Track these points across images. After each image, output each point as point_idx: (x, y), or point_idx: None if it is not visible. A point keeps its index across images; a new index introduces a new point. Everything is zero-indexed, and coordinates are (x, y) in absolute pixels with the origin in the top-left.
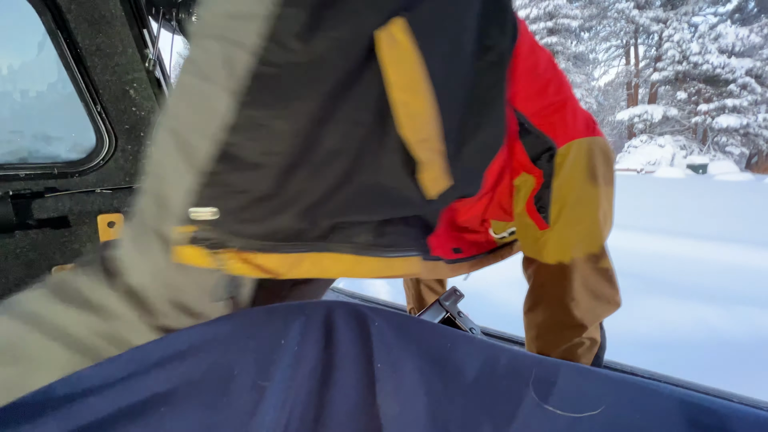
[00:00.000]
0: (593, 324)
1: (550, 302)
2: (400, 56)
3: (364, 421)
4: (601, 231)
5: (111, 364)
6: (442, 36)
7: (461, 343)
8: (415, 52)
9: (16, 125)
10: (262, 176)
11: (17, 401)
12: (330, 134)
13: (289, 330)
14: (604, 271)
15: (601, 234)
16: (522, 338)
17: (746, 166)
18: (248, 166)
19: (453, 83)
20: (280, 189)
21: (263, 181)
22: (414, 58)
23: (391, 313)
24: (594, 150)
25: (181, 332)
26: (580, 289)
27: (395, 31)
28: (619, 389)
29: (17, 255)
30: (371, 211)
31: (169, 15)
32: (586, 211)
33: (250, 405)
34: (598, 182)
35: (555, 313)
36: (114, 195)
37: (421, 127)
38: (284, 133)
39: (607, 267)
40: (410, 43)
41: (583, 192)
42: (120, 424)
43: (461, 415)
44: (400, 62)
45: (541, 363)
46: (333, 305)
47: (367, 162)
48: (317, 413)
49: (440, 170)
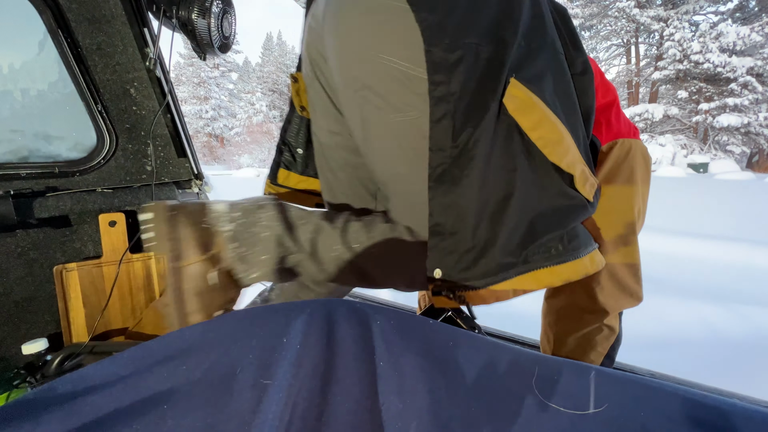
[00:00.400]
0: (614, 312)
1: (574, 287)
2: (524, 107)
3: (366, 419)
4: (634, 226)
5: (113, 363)
6: (547, 74)
7: (463, 342)
8: (533, 98)
9: (17, 124)
10: (459, 239)
11: (20, 399)
12: (495, 188)
13: (290, 328)
14: (631, 265)
15: (634, 229)
16: (523, 338)
17: (747, 165)
18: (449, 235)
19: (566, 104)
20: (475, 242)
21: (461, 242)
22: (535, 102)
23: (392, 312)
24: (635, 151)
25: (183, 331)
26: (606, 276)
27: (514, 92)
28: (622, 387)
29: (18, 254)
30: (554, 229)
31: (169, 13)
32: (621, 205)
33: (251, 403)
34: (636, 181)
35: (578, 297)
36: (115, 194)
37: (564, 150)
38: (464, 205)
39: (635, 262)
40: (527, 93)
41: (621, 187)
42: (122, 422)
43: (463, 413)
44: (526, 110)
45: (543, 361)
46: (335, 304)
47: (532, 194)
48: (319, 411)
49: (588, 176)
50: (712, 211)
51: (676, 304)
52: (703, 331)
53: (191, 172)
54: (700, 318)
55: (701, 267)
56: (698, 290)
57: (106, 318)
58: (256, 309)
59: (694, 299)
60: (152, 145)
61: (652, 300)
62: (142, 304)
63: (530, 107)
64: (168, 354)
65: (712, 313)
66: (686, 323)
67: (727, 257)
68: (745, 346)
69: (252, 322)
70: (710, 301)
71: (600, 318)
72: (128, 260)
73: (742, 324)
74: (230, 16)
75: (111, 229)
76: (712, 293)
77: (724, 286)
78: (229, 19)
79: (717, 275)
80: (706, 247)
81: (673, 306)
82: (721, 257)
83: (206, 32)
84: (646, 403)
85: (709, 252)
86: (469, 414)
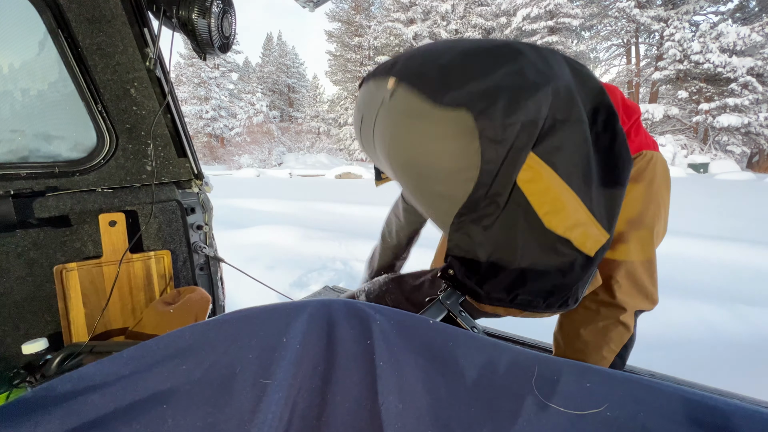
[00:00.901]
0: (630, 310)
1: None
2: (533, 177)
3: (365, 418)
4: (636, 223)
5: (113, 362)
6: (566, 144)
7: (463, 342)
8: (544, 169)
9: (17, 124)
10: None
11: (20, 399)
12: (498, 239)
13: (291, 328)
14: (648, 266)
15: (653, 233)
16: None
17: (747, 166)
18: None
19: (583, 169)
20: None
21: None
22: (543, 174)
23: (392, 312)
24: (656, 160)
25: (183, 331)
26: (624, 275)
27: (529, 163)
28: (622, 387)
29: (18, 254)
30: (541, 283)
31: (169, 13)
32: (642, 209)
33: (251, 403)
34: (654, 186)
35: (597, 290)
36: (115, 194)
37: (564, 217)
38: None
39: (652, 266)
40: (540, 164)
41: (644, 193)
42: (122, 422)
43: (463, 412)
44: (533, 180)
45: (543, 361)
46: (335, 303)
47: (528, 249)
48: (319, 411)
49: (592, 234)
50: (712, 211)
51: (676, 304)
52: (703, 331)
53: (191, 171)
54: (699, 318)
55: (701, 267)
56: (698, 290)
57: (106, 318)
58: (256, 309)
59: (694, 299)
60: (152, 145)
61: None
62: (142, 304)
63: (538, 178)
64: (168, 354)
65: (712, 313)
66: (686, 323)
67: (727, 257)
68: (745, 347)
69: (252, 322)
70: (710, 301)
71: (616, 313)
72: (128, 260)
73: (742, 324)
74: (230, 15)
75: (111, 229)
76: (712, 293)
77: (724, 286)
78: (229, 18)
79: (717, 275)
80: (706, 247)
81: (673, 306)
82: (722, 257)
83: (206, 32)
84: (646, 403)
85: (709, 252)
86: (469, 414)
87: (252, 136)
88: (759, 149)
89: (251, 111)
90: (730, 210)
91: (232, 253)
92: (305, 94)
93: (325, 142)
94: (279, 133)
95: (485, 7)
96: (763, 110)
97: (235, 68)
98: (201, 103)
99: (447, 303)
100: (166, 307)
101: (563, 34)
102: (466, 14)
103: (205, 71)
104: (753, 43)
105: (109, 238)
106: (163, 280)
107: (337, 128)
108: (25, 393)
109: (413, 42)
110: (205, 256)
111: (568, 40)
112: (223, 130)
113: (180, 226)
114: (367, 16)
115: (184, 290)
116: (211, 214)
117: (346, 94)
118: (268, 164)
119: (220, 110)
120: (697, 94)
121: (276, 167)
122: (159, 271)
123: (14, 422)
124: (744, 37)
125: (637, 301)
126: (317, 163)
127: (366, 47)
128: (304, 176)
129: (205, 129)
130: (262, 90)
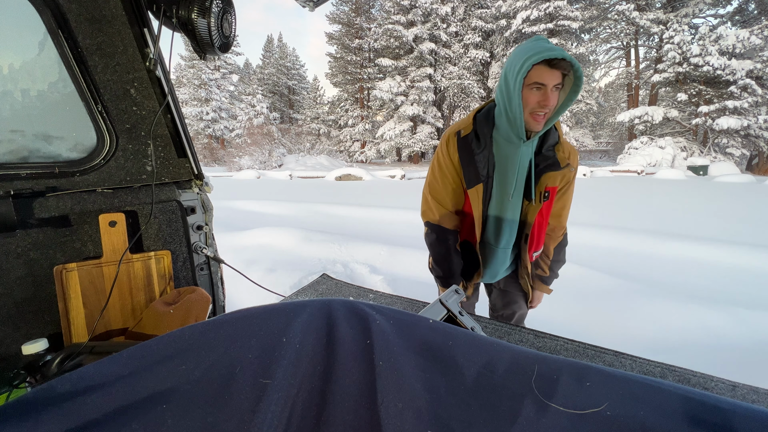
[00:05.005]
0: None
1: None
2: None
3: (365, 418)
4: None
5: (113, 362)
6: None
7: (462, 341)
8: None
9: (17, 124)
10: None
11: (20, 398)
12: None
13: (290, 328)
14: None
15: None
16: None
17: (747, 168)
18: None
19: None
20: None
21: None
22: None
23: (392, 311)
24: (577, 172)
25: (183, 331)
26: (564, 219)
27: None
28: (622, 386)
29: (18, 254)
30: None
31: (169, 13)
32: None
33: (251, 402)
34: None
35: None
36: (115, 194)
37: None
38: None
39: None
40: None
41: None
42: (121, 422)
43: (463, 412)
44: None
45: (542, 361)
46: (334, 303)
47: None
48: (319, 410)
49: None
50: (712, 214)
51: (676, 308)
52: (703, 335)
53: (191, 172)
54: (700, 321)
55: (701, 270)
56: (698, 293)
57: (106, 318)
58: (255, 309)
59: (694, 302)
60: (152, 146)
61: (652, 304)
62: (142, 304)
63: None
64: (168, 354)
65: (712, 317)
66: (686, 326)
67: (727, 260)
68: (745, 350)
69: (252, 322)
70: (711, 305)
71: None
72: (128, 260)
73: (742, 327)
74: (230, 15)
75: (111, 229)
76: (713, 297)
77: (724, 289)
78: (229, 18)
79: (717, 278)
80: (706, 250)
81: (674, 309)
82: (722, 260)
83: (206, 32)
84: (646, 402)
85: (709, 255)
86: (469, 413)
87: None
88: (758, 152)
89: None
90: (730, 212)
91: (232, 255)
92: (305, 96)
93: (326, 143)
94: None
95: (485, 10)
96: (762, 113)
97: (235, 70)
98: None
99: (447, 303)
100: (166, 307)
101: (563, 36)
102: (466, 17)
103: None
104: (752, 46)
105: (109, 238)
106: (163, 280)
107: (337, 130)
108: (25, 393)
109: (413, 44)
110: (205, 257)
111: (567, 43)
112: (223, 131)
113: (180, 226)
114: (368, 19)
115: (184, 290)
116: (211, 214)
117: (346, 96)
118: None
119: (220, 112)
120: (696, 96)
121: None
122: (159, 271)
123: (14, 422)
124: (743, 40)
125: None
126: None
127: (366, 49)
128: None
129: (206, 131)
130: (262, 92)
